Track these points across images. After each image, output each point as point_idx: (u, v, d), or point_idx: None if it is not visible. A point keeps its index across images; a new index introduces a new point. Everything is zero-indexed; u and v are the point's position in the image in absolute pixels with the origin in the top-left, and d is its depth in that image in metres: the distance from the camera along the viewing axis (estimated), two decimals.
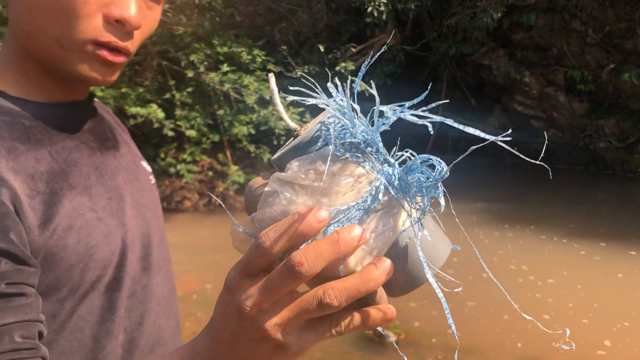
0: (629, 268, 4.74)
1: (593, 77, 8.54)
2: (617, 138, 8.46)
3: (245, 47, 6.82)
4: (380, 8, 7.23)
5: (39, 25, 0.70)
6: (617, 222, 6.18)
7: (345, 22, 9.12)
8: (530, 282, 4.49)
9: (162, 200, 6.95)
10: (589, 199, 7.48)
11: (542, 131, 9.10)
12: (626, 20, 8.24)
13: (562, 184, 8.22)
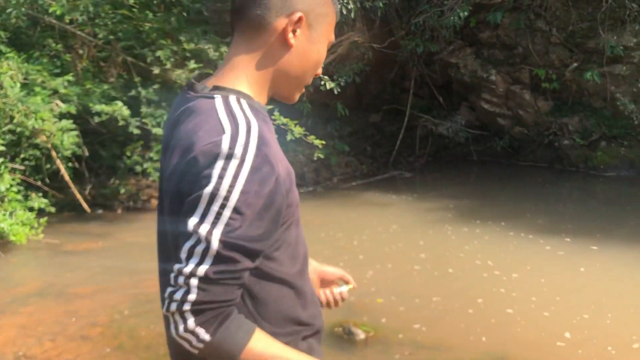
0: (590, 262, 4.85)
1: (557, 76, 8.70)
2: (581, 136, 8.64)
3: (213, 43, 6.76)
4: (349, 6, 7.24)
5: (300, 73, 1.15)
6: (581, 218, 6.31)
7: None
8: (495, 277, 4.56)
9: (128, 199, 6.90)
10: (554, 196, 7.63)
11: (508, 129, 9.25)
12: (588, 20, 8.42)
13: (528, 180, 8.37)
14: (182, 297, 0.97)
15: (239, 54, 1.12)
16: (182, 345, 1.00)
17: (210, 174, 0.96)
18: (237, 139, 0.98)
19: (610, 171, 8.34)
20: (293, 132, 6.72)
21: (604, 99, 8.55)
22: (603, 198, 7.73)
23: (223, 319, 0.99)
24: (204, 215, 0.96)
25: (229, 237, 0.96)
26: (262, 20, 1.09)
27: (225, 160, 0.96)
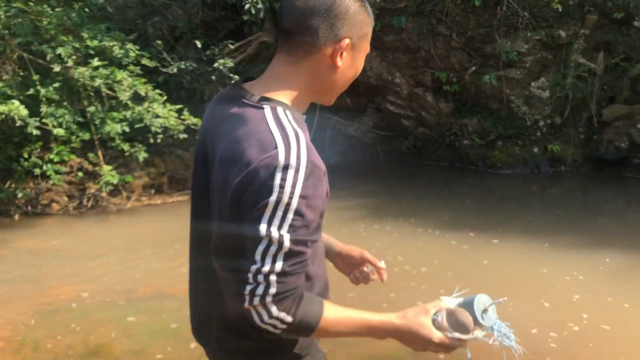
0: (493, 255, 5.15)
1: (457, 79, 9.13)
2: (479, 136, 9.13)
3: (118, 41, 6.51)
4: (257, 6, 7.23)
5: (341, 85, 1.31)
6: (482, 214, 6.68)
7: (222, 19, 9.01)
8: (405, 272, 4.73)
9: (26, 203, 6.48)
10: (457, 193, 8.02)
11: (412, 129, 9.60)
12: (485, 26, 8.92)
13: (432, 179, 8.74)
14: (263, 291, 1.13)
15: (286, 70, 1.26)
16: (267, 330, 1.17)
17: (272, 184, 1.11)
18: (290, 151, 1.13)
19: (506, 169, 8.87)
20: None
21: (500, 101, 9.09)
22: (500, 194, 8.21)
23: (299, 302, 1.18)
24: (271, 221, 1.11)
25: (296, 236, 1.13)
26: (313, 47, 1.23)
27: (282, 171, 1.11)
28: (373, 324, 1.26)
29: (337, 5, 1.21)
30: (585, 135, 8.95)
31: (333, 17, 1.21)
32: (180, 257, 5.12)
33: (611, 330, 3.68)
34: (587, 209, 7.61)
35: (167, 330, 3.68)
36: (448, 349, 1.27)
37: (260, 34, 8.86)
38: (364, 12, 1.26)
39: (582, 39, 8.70)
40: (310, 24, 1.21)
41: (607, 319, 3.83)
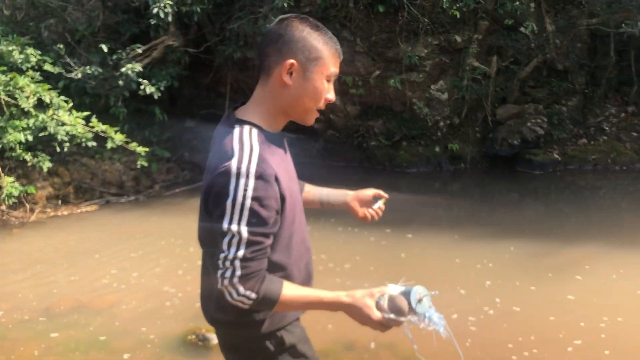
0: (408, 248, 5.42)
1: (363, 83, 9.44)
2: (385, 137, 9.49)
3: (17, 45, 6.16)
4: (166, 9, 7.11)
5: (303, 104, 1.54)
6: (394, 211, 6.92)
7: (125, 22, 8.74)
8: (329, 269, 4.87)
9: None
10: None
11: (322, 132, 9.81)
12: (387, 31, 9.29)
13: (343, 179, 8.94)
14: (231, 274, 1.43)
15: (258, 94, 1.57)
16: (237, 306, 1.46)
17: (228, 188, 1.40)
18: (242, 161, 1.41)
19: (412, 168, 9.29)
20: (114, 140, 6.43)
21: (403, 104, 9.50)
22: (408, 192, 8.56)
23: (262, 281, 1.46)
24: (231, 218, 1.41)
25: (252, 229, 1.42)
26: (269, 69, 1.51)
27: (236, 177, 1.40)
28: (325, 300, 1.52)
29: (286, 33, 1.49)
30: (482, 134, 9.57)
31: (281, 43, 1.48)
32: (99, 268, 4.97)
33: (522, 311, 4.01)
34: (486, 202, 8.15)
35: (96, 343, 3.58)
36: (384, 328, 1.51)
37: (165, 38, 8.69)
38: (316, 40, 1.50)
39: (476, 43, 9.30)
40: (267, 51, 1.51)
41: (517, 301, 4.17)
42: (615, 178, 8.80)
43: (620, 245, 5.59)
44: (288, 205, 1.52)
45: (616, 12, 8.53)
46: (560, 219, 7.00)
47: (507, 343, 3.51)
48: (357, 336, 3.68)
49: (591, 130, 9.57)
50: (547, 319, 3.85)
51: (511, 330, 3.70)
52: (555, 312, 3.96)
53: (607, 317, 3.83)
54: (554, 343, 3.51)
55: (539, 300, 4.21)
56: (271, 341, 1.63)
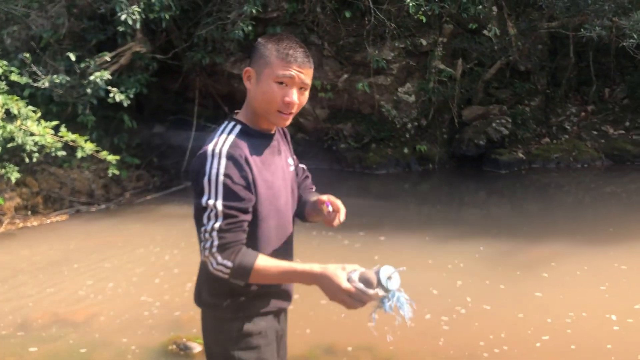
0: (382, 251, 5.54)
1: (331, 86, 9.55)
2: (354, 139, 9.62)
3: None
4: (134, 16, 7.08)
5: (261, 105, 1.72)
6: (365, 213, 7.08)
7: (91, 29, 8.66)
8: None
9: None
10: (339, 195, 8.31)
11: (291, 135, 9.86)
12: (354, 35, 9.42)
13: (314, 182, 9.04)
14: (210, 244, 1.61)
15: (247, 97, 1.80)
16: (218, 275, 1.63)
17: (204, 168, 1.63)
18: (217, 145, 1.65)
19: (381, 169, 9.43)
20: (84, 149, 6.39)
21: (371, 107, 9.64)
22: (377, 193, 8.73)
23: (238, 252, 1.62)
24: (209, 194, 1.61)
25: (226, 202, 1.61)
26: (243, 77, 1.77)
27: (210, 158, 1.63)
28: (298, 270, 1.64)
29: (253, 47, 1.75)
30: (449, 135, 9.78)
31: (251, 56, 1.76)
32: (74, 280, 4.95)
33: (492, 310, 4.16)
34: (455, 202, 8.36)
35: (76, 356, 3.58)
36: (352, 301, 1.57)
37: (133, 44, 8.64)
38: (267, 49, 1.70)
39: (441, 47, 9.50)
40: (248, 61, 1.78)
41: (487, 300, 4.32)
42: (577, 175, 9.10)
43: (584, 241, 5.81)
44: (260, 190, 1.70)
45: (574, 16, 8.83)
46: (526, 217, 7.22)
47: (478, 341, 3.64)
48: (336, 340, 3.77)
49: (553, 129, 9.87)
50: (516, 316, 4.01)
51: (482, 329, 3.84)
52: (524, 309, 4.12)
53: (573, 312, 4.00)
54: (523, 339, 3.66)
55: (508, 298, 4.37)
56: (233, 325, 1.75)
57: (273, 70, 1.68)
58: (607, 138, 9.57)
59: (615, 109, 9.97)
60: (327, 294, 1.59)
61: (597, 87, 10.13)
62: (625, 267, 5.01)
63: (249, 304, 1.76)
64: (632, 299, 4.25)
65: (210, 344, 1.83)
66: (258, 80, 1.70)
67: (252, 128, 1.75)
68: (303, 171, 2.13)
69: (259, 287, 1.75)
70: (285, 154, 1.90)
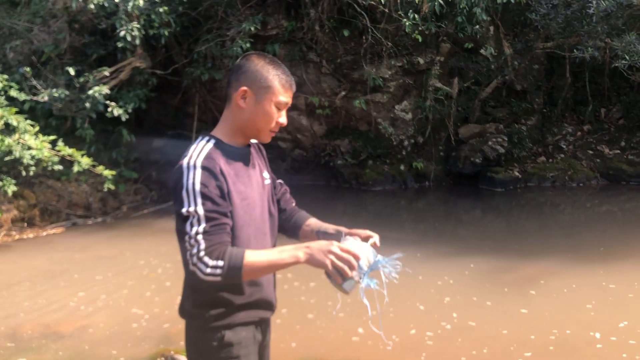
0: None
1: (329, 103, 9.64)
2: (351, 156, 9.70)
3: None
4: (133, 33, 7.20)
5: (255, 125, 1.83)
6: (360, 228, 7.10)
7: (92, 44, 8.80)
8: (295, 288, 4.99)
9: None
10: (335, 211, 8.45)
11: (289, 151, 9.96)
12: (352, 54, 9.53)
13: (310, 198, 9.10)
14: (197, 250, 1.65)
15: (223, 114, 1.87)
16: (211, 280, 1.64)
17: (182, 181, 1.70)
18: (191, 159, 1.74)
19: (377, 186, 9.49)
20: (80, 163, 6.46)
21: (368, 123, 9.73)
22: (373, 210, 8.78)
23: (225, 251, 1.66)
24: (189, 203, 1.68)
25: (206, 207, 1.68)
26: (229, 95, 1.83)
27: (186, 170, 1.71)
28: (286, 248, 1.71)
29: (244, 65, 1.81)
30: (445, 152, 9.85)
31: (240, 73, 1.81)
32: (66, 291, 5.00)
33: (477, 326, 4.19)
34: (450, 220, 8.39)
35: None
36: (338, 259, 1.66)
37: (133, 60, 8.76)
38: (268, 72, 1.80)
39: (438, 65, 9.61)
40: (230, 80, 1.83)
41: (473, 316, 4.34)
42: (572, 194, 9.15)
43: (575, 260, 5.84)
44: (235, 200, 1.77)
45: (569, 37, 8.94)
46: (521, 235, 7.25)
47: (460, 356, 3.66)
48: (322, 354, 3.80)
49: (549, 148, 9.94)
50: (500, 332, 4.03)
51: (465, 344, 3.86)
52: (509, 326, 4.14)
53: (557, 329, 4.02)
54: (504, 355, 3.68)
55: (493, 314, 4.40)
56: (214, 335, 1.79)
57: (276, 96, 1.80)
58: (603, 157, 9.63)
59: (611, 129, 10.05)
60: (314, 258, 1.66)
61: (593, 107, 10.22)
62: (614, 285, 5.04)
63: (230, 314, 1.80)
64: (617, 318, 4.27)
65: (192, 354, 1.87)
66: (257, 102, 1.79)
67: (226, 143, 1.83)
68: (281, 185, 2.17)
69: (241, 297, 1.81)
70: (260, 168, 1.97)
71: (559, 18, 8.69)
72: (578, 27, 8.61)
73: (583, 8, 8.34)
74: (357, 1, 8.71)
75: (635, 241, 6.77)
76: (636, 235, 7.03)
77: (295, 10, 9.39)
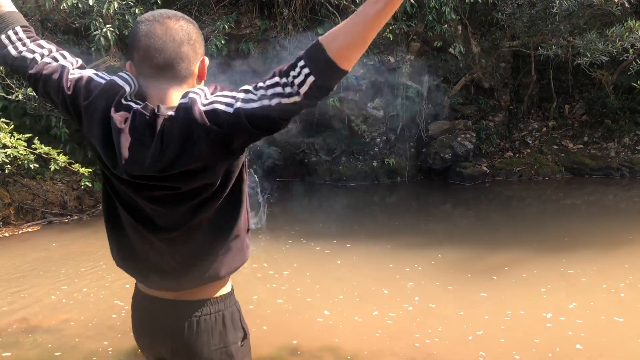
0: (346, 257, 5.78)
1: None
2: (325, 152, 9.89)
3: None
4: (107, 35, 7.32)
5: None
6: (337, 223, 7.34)
7: (65, 43, 8.86)
8: (269, 275, 5.19)
9: None
10: (311, 206, 8.64)
11: (263, 149, 10.12)
12: None
13: (286, 195, 9.30)
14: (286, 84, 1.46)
15: (177, 94, 1.55)
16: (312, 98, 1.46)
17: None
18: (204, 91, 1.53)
19: (351, 182, 9.71)
20: (57, 161, 6.55)
21: (341, 121, 9.93)
22: (348, 205, 8.96)
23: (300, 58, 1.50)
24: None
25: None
26: (188, 70, 1.56)
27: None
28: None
29: (191, 33, 1.55)
30: (416, 148, 10.10)
31: (193, 42, 1.55)
32: (46, 287, 5.11)
33: (436, 308, 4.43)
34: (420, 213, 8.63)
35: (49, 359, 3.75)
36: None
37: (107, 58, 8.86)
38: (201, 34, 1.61)
39: (409, 64, 9.85)
40: (183, 53, 1.53)
41: (433, 299, 4.58)
42: (538, 188, 9.45)
43: (541, 249, 6.06)
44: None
45: (534, 35, 9.25)
46: (489, 228, 7.51)
47: (414, 333, 3.89)
48: (288, 333, 3.99)
49: (516, 143, 10.25)
50: (456, 313, 4.27)
51: (422, 324, 4.09)
52: (465, 307, 4.38)
53: (511, 310, 4.27)
54: (456, 333, 3.92)
55: (453, 297, 4.63)
56: (237, 303, 1.75)
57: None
58: (567, 152, 9.97)
59: (575, 124, 10.39)
60: None
61: (558, 104, 10.56)
62: (572, 271, 5.30)
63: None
64: (568, 300, 4.54)
65: (229, 332, 1.69)
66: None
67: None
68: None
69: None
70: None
71: (524, 17, 9.00)
72: (542, 26, 8.92)
73: (547, 8, 8.64)
74: (329, 1, 8.92)
75: (598, 231, 7.05)
76: (598, 226, 7.32)
77: (269, 10, 9.56)
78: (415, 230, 7.32)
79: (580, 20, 8.59)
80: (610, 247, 6.03)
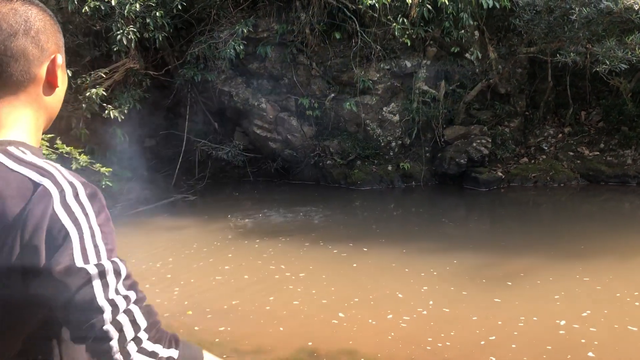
0: (362, 260, 5.84)
1: (318, 104, 9.89)
2: (340, 156, 9.95)
3: None
4: (129, 36, 7.44)
5: (56, 110, 1.14)
6: (352, 226, 7.41)
7: (86, 45, 9.02)
8: (285, 277, 5.26)
9: None
10: (327, 209, 8.67)
11: (279, 151, 10.21)
12: (341, 57, 9.79)
13: (301, 197, 9.36)
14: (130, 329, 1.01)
15: (11, 113, 1.07)
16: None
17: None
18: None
19: (366, 185, 9.75)
20: (78, 161, 6.68)
21: (357, 125, 9.99)
22: (363, 209, 9.03)
23: (174, 337, 1.07)
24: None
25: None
26: (26, 74, 1.06)
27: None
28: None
29: (32, 19, 1.07)
30: (431, 153, 10.12)
31: (35, 33, 1.06)
32: None
33: (449, 312, 4.47)
34: (435, 218, 8.64)
35: None
36: None
37: (127, 61, 9.01)
38: (56, 23, 1.13)
39: (425, 69, 9.89)
40: (15, 48, 1.04)
41: (447, 304, 4.62)
42: (554, 194, 9.43)
43: (557, 257, 6.05)
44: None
45: (551, 42, 9.24)
46: (504, 233, 7.50)
47: (427, 337, 3.94)
48: (306, 334, 4.05)
49: (532, 149, 10.24)
50: (470, 318, 4.30)
51: (436, 328, 4.14)
52: (479, 312, 4.41)
53: (525, 317, 4.30)
54: (469, 338, 3.97)
55: (467, 302, 4.67)
56: None
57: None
58: (583, 159, 9.94)
59: (591, 131, 10.36)
60: None
61: (574, 110, 10.52)
62: (587, 279, 5.31)
63: None
64: (583, 308, 4.55)
65: None
66: (63, 68, 1.15)
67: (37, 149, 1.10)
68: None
69: None
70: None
71: (542, 24, 8.99)
72: (560, 33, 8.91)
73: (565, 14, 8.63)
74: (346, 6, 8.99)
75: (614, 239, 7.02)
76: (615, 234, 7.28)
77: (286, 14, 9.64)
78: (430, 235, 7.34)
79: (599, 27, 8.56)
80: (626, 256, 6.02)
